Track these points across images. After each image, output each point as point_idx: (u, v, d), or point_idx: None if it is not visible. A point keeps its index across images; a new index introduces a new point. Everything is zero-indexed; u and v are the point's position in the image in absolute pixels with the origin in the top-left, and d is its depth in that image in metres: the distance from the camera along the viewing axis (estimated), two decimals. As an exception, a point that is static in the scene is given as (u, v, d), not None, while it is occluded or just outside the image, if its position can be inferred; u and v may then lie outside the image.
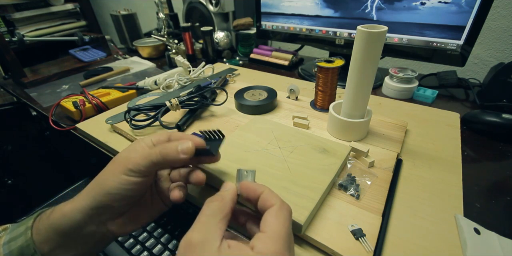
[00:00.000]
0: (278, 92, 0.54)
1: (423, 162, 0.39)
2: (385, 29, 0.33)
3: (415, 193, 0.34)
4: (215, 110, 0.52)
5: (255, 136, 0.39)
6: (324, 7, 0.63)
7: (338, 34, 0.64)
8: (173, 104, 0.46)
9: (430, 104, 0.57)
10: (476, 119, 0.47)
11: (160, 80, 0.63)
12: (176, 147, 0.26)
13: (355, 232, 0.28)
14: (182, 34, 0.82)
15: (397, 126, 0.44)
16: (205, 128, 0.31)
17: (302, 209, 0.28)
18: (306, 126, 0.45)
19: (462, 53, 0.51)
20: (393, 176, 0.35)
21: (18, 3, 1.53)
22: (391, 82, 0.59)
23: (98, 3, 1.86)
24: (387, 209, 0.31)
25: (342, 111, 0.42)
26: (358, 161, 0.37)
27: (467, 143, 0.44)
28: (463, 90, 0.63)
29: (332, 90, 0.49)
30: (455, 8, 0.48)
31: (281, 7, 0.69)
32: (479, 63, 0.77)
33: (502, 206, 0.34)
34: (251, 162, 0.34)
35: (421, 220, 0.30)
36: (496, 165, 0.41)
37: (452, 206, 0.32)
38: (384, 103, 0.55)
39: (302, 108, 0.52)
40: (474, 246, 0.27)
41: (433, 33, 0.52)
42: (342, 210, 0.31)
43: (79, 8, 1.76)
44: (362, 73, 0.36)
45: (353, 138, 0.42)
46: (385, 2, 0.54)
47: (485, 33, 0.72)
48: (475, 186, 0.36)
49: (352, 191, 0.33)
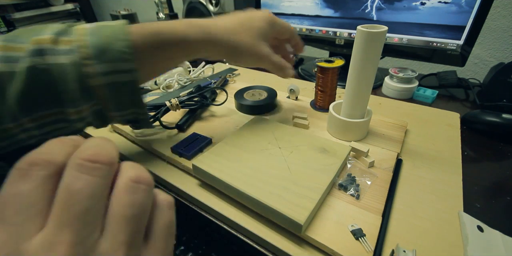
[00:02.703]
0: (278, 92, 0.54)
1: (423, 162, 0.39)
2: (385, 29, 0.33)
3: (415, 193, 0.34)
4: (215, 110, 0.52)
5: (255, 136, 0.39)
6: (324, 7, 0.63)
7: (338, 34, 0.64)
8: (173, 104, 0.46)
9: (430, 104, 0.57)
10: (476, 119, 0.47)
11: (160, 80, 0.63)
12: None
13: (355, 232, 0.28)
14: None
15: (397, 126, 0.44)
16: (204, 128, 0.31)
17: (302, 209, 0.28)
18: (306, 126, 0.45)
19: (462, 53, 0.51)
20: (393, 176, 0.35)
21: (18, 3, 1.53)
22: (391, 82, 0.59)
23: (98, 3, 1.86)
24: (387, 209, 0.31)
25: (342, 111, 0.42)
26: (358, 161, 0.37)
27: (467, 143, 0.44)
28: (463, 90, 0.63)
29: (332, 90, 0.49)
30: (455, 8, 0.48)
31: (281, 7, 0.69)
32: (479, 63, 0.77)
33: (502, 206, 0.34)
34: (251, 162, 0.34)
35: (421, 220, 0.30)
36: (496, 165, 0.41)
37: (452, 206, 0.32)
38: (384, 103, 0.55)
39: (302, 108, 0.52)
40: (476, 243, 0.27)
41: (433, 33, 0.52)
42: (342, 210, 0.31)
43: (79, 8, 1.76)
44: (362, 73, 0.36)
45: (353, 138, 0.42)
46: (385, 2, 0.54)
47: (485, 33, 0.72)
48: (475, 186, 0.36)
49: (352, 191, 0.33)
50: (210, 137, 0.42)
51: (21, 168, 0.13)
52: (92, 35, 0.28)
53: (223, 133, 0.44)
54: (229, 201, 0.34)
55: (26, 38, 0.27)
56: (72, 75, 0.27)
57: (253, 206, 0.31)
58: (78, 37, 0.28)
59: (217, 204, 0.34)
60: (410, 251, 0.26)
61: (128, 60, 0.28)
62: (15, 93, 0.26)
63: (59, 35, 0.27)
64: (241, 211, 0.32)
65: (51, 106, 0.28)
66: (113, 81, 0.28)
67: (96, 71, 0.27)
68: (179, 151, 0.39)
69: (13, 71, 0.26)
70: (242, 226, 0.31)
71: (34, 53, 0.26)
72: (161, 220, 0.16)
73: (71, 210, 0.12)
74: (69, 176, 0.13)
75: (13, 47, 0.27)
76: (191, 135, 0.43)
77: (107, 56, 0.27)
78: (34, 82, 0.26)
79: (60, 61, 0.27)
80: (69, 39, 0.27)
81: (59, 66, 0.27)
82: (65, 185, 0.13)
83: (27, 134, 0.30)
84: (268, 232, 0.30)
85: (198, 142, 0.41)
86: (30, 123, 0.28)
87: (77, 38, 0.27)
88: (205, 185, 0.36)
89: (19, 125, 0.28)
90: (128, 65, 0.28)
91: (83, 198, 0.12)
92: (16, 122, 0.28)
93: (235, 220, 0.31)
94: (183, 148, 0.39)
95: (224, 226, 0.33)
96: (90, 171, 0.13)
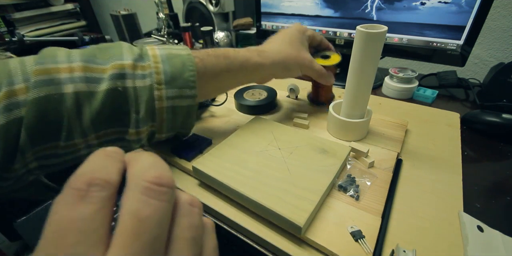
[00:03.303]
0: (278, 91, 0.54)
1: (423, 162, 0.39)
2: (385, 29, 0.33)
3: (415, 193, 0.34)
4: (215, 111, 0.52)
5: (255, 137, 0.39)
6: (324, 7, 0.62)
7: (338, 34, 0.64)
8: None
9: (430, 104, 0.57)
10: (476, 119, 0.47)
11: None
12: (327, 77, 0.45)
13: (355, 233, 0.28)
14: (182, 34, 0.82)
15: (397, 125, 0.44)
16: (204, 128, 0.31)
17: (301, 211, 0.28)
18: (306, 126, 0.45)
19: (462, 53, 0.51)
20: (393, 177, 0.35)
21: (18, 3, 1.53)
22: (391, 82, 0.59)
23: (98, 3, 1.86)
24: (386, 210, 0.31)
25: (342, 111, 0.42)
26: (358, 161, 0.37)
27: (467, 143, 0.44)
28: (463, 90, 0.63)
29: (329, 86, 0.49)
30: (455, 8, 0.48)
31: (281, 7, 0.69)
32: (479, 63, 0.77)
33: (502, 206, 0.34)
34: (251, 164, 0.34)
35: (421, 220, 0.30)
36: (496, 165, 0.41)
37: (452, 206, 0.32)
38: (384, 103, 0.55)
39: (302, 108, 0.52)
40: (476, 243, 0.27)
41: (433, 33, 0.52)
42: (342, 211, 0.31)
43: (79, 8, 1.76)
44: (362, 73, 0.36)
45: (353, 138, 0.42)
46: (385, 2, 0.54)
47: (485, 33, 0.72)
48: (475, 186, 0.36)
49: (351, 192, 0.33)
50: (210, 138, 0.42)
51: (79, 188, 0.11)
52: (164, 63, 0.31)
53: (223, 134, 0.44)
54: (229, 201, 0.34)
55: (103, 60, 0.30)
56: (144, 97, 0.30)
57: (253, 207, 0.31)
58: (153, 64, 0.31)
59: (217, 204, 0.34)
60: (410, 251, 0.26)
61: (193, 88, 0.32)
62: (93, 111, 0.28)
63: (137, 61, 0.31)
64: (241, 211, 0.32)
65: (117, 125, 0.31)
66: (176, 105, 0.32)
67: (165, 95, 0.31)
68: (179, 153, 0.39)
69: (94, 91, 0.28)
70: (242, 226, 0.31)
71: (116, 76, 0.29)
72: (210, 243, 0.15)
73: (140, 238, 0.11)
74: (136, 201, 0.12)
75: (93, 68, 0.29)
76: (191, 136, 0.43)
77: (176, 83, 0.31)
78: (111, 102, 0.29)
79: (136, 84, 0.30)
80: (145, 65, 0.31)
81: (135, 89, 0.30)
82: (132, 210, 0.11)
83: (89, 150, 0.31)
84: (268, 232, 0.30)
85: (198, 144, 0.41)
86: (94, 139, 0.30)
87: (152, 65, 0.31)
88: (205, 185, 0.36)
89: (86, 141, 0.30)
90: (192, 91, 0.32)
91: (153, 226, 0.12)
92: (85, 138, 0.30)
93: (235, 220, 0.31)
94: (183, 150, 0.39)
95: (224, 226, 0.33)
96: (158, 195, 0.12)
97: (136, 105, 0.30)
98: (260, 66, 0.39)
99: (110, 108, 0.29)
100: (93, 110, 0.28)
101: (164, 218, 0.12)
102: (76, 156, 0.31)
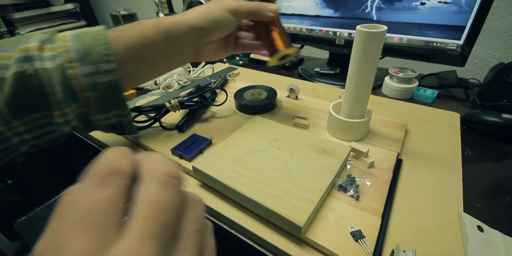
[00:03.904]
0: (278, 91, 0.54)
1: (423, 162, 0.39)
2: (385, 29, 0.33)
3: (415, 193, 0.34)
4: (215, 111, 0.52)
5: (255, 136, 0.39)
6: (324, 7, 0.62)
7: (338, 34, 0.64)
8: (173, 105, 0.46)
9: (430, 104, 0.57)
10: (476, 119, 0.47)
11: (160, 80, 0.63)
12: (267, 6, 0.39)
13: (355, 233, 0.28)
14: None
15: (397, 125, 0.44)
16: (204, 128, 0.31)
17: (301, 212, 0.28)
18: (306, 126, 0.45)
19: (462, 53, 0.51)
20: (393, 177, 0.35)
21: (18, 3, 1.53)
22: (391, 82, 0.59)
23: (98, 3, 1.86)
24: (386, 210, 0.31)
25: (342, 111, 0.42)
26: (358, 161, 0.37)
27: (467, 143, 0.44)
28: (463, 90, 0.63)
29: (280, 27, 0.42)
30: (455, 8, 0.48)
31: (281, 7, 0.69)
32: (479, 63, 0.77)
33: (502, 206, 0.34)
34: (251, 164, 0.34)
35: (421, 220, 0.30)
36: (496, 165, 0.41)
37: (452, 206, 0.32)
38: (384, 103, 0.55)
39: (302, 108, 0.52)
40: (476, 243, 0.27)
41: (433, 33, 0.52)
42: (342, 211, 0.31)
43: (79, 8, 1.76)
44: (361, 73, 0.36)
45: (353, 138, 0.42)
46: (385, 2, 0.54)
47: (485, 33, 0.72)
48: (475, 186, 0.36)
49: (351, 192, 0.33)
50: (210, 137, 0.42)
51: (102, 175, 0.13)
52: (74, 41, 0.30)
53: (223, 134, 0.44)
54: (229, 202, 0.34)
55: (12, 47, 0.29)
56: (57, 78, 0.29)
57: (253, 207, 0.31)
58: (62, 43, 0.30)
59: (217, 204, 0.34)
60: (410, 251, 0.26)
61: (110, 61, 0.30)
62: (5, 97, 0.28)
63: (44, 43, 0.30)
64: (241, 211, 0.32)
65: (39, 109, 0.30)
66: (95, 81, 0.30)
67: (79, 73, 0.29)
68: (179, 153, 0.39)
69: (3, 77, 0.28)
70: (242, 226, 0.31)
71: (22, 60, 0.28)
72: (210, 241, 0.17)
73: (157, 222, 0.12)
74: (153, 190, 0.13)
75: (1, 56, 0.29)
76: (191, 136, 0.43)
77: (90, 58, 0.30)
78: (22, 86, 0.28)
79: (46, 66, 0.29)
80: (54, 46, 0.30)
81: (45, 70, 0.29)
82: (150, 197, 0.13)
83: (19, 138, 0.31)
84: (268, 232, 0.30)
85: (198, 143, 0.41)
86: (21, 126, 0.30)
87: (60, 45, 0.30)
88: (205, 185, 0.36)
89: (11, 128, 0.30)
90: (109, 65, 0.30)
91: (168, 212, 0.13)
92: (8, 125, 0.29)
93: (235, 220, 0.31)
94: (183, 150, 0.39)
95: (224, 226, 0.33)
96: (172, 186, 0.14)
97: (51, 86, 0.29)
98: (178, 23, 0.34)
99: (24, 92, 0.28)
100: (6, 96, 0.28)
101: (177, 207, 0.14)
102: (9, 146, 0.31)
